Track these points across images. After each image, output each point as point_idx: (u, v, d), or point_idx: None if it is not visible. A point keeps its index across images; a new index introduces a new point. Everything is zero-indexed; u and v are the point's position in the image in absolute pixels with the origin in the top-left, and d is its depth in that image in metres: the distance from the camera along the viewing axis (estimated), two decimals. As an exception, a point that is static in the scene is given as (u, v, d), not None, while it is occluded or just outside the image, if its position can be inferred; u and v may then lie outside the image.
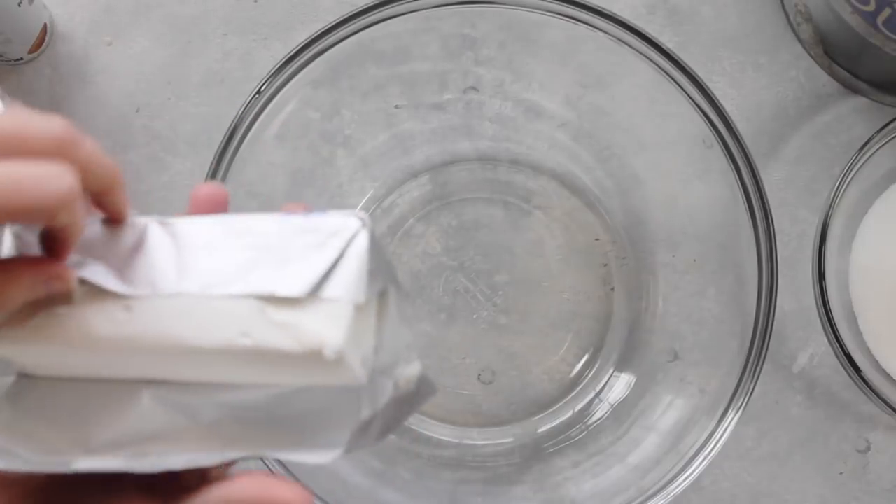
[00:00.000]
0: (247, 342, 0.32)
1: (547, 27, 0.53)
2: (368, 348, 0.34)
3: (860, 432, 0.59)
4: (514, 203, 0.60)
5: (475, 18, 0.55)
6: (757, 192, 0.51)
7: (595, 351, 0.59)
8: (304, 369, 0.32)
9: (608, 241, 0.59)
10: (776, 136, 0.60)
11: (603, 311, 0.59)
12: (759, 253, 0.51)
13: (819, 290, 0.53)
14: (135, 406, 0.34)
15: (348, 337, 0.32)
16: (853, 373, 0.53)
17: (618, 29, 0.52)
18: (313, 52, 0.52)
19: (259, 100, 0.52)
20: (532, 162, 0.60)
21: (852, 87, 0.60)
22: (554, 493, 0.56)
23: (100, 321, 0.32)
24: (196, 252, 0.33)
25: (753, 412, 0.58)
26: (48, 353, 0.33)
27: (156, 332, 0.32)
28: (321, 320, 0.32)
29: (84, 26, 0.61)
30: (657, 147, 0.57)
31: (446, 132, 0.59)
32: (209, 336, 0.32)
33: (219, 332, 0.32)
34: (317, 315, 0.32)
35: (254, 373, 0.33)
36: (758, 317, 0.51)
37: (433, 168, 0.60)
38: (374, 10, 0.52)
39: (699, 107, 0.52)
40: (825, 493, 0.58)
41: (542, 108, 0.58)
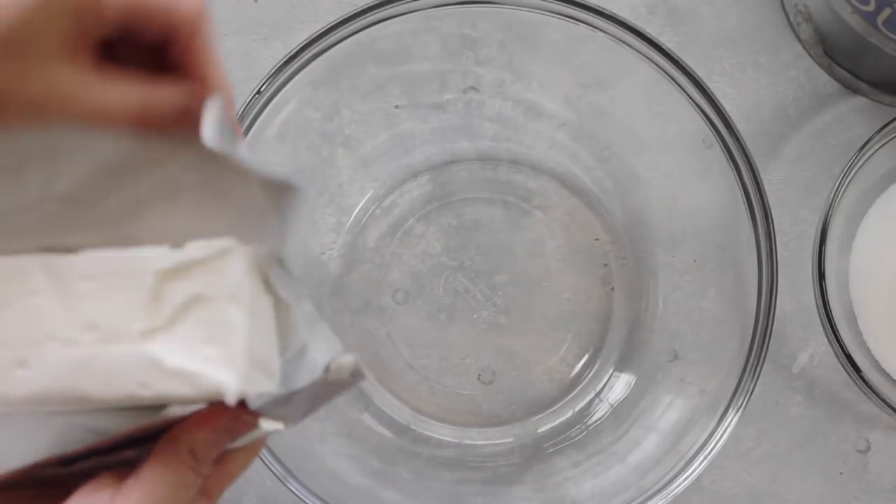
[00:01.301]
0: (146, 393, 0.32)
1: (547, 27, 0.53)
2: (271, 355, 0.34)
3: (860, 432, 0.59)
4: (514, 203, 0.60)
5: (475, 18, 0.55)
6: (757, 192, 0.51)
7: (595, 351, 0.59)
8: (207, 401, 0.33)
9: (608, 241, 0.59)
10: (776, 136, 0.60)
11: (603, 311, 0.59)
12: (759, 253, 0.51)
13: (819, 290, 0.53)
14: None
15: (245, 377, 0.32)
16: (853, 373, 0.53)
17: (618, 29, 0.52)
18: (313, 52, 0.52)
19: (259, 100, 0.52)
20: (532, 162, 0.60)
21: (852, 87, 0.60)
22: (554, 493, 0.56)
23: (1, 381, 0.32)
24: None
25: (753, 412, 0.58)
26: None
27: (58, 389, 0.32)
28: (214, 363, 0.32)
29: (84, 26, 0.61)
30: (657, 147, 0.57)
31: (446, 132, 0.59)
32: (110, 390, 0.32)
33: (118, 386, 0.32)
34: (209, 356, 0.32)
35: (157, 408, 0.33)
36: (758, 317, 0.51)
37: (433, 168, 0.60)
38: (374, 10, 0.52)
39: (699, 107, 0.52)
40: (825, 493, 0.58)
41: (542, 108, 0.58)
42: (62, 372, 0.32)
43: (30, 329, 0.33)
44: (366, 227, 0.60)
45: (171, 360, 0.32)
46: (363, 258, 0.60)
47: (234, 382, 0.31)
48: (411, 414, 0.58)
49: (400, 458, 0.57)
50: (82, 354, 0.32)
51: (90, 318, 0.32)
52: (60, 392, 0.32)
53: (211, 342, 0.32)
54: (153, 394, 0.32)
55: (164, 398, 0.32)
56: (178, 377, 0.32)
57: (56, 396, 0.32)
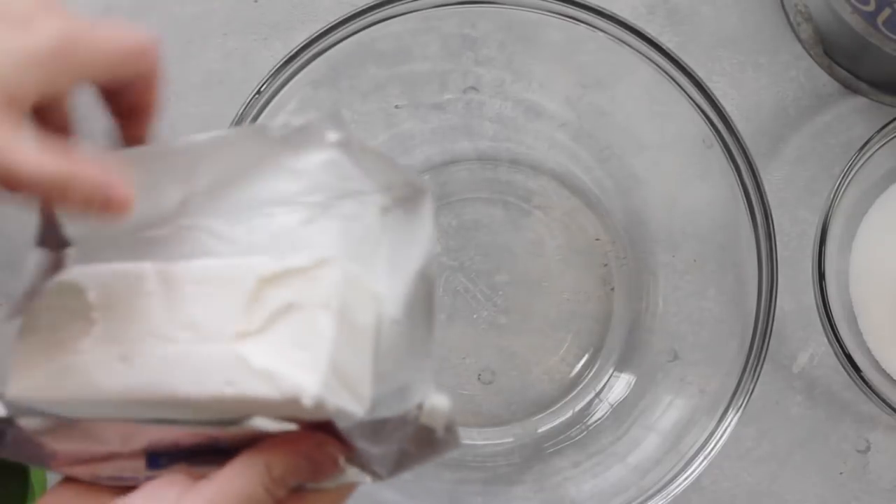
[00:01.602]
0: (230, 391, 0.33)
1: (547, 27, 0.53)
2: (362, 376, 0.34)
3: (860, 432, 0.59)
4: (514, 203, 0.60)
5: (475, 18, 0.55)
6: (757, 192, 0.51)
7: (595, 351, 0.59)
8: (291, 410, 0.33)
9: (608, 241, 0.59)
10: (776, 136, 0.60)
11: (603, 311, 0.59)
12: (759, 253, 0.51)
13: (819, 290, 0.53)
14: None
15: (326, 383, 0.32)
16: (853, 373, 0.53)
17: (618, 29, 0.52)
18: (313, 52, 0.52)
19: (259, 100, 0.52)
20: (532, 162, 0.60)
21: (852, 87, 0.60)
22: (554, 493, 0.56)
23: (102, 373, 0.34)
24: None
25: (753, 412, 0.58)
26: (60, 402, 0.35)
27: (151, 384, 0.34)
28: (299, 367, 0.33)
29: (84, 26, 0.61)
30: (657, 147, 0.57)
31: (446, 132, 0.59)
32: (198, 388, 0.33)
33: (207, 383, 0.33)
34: (295, 361, 0.33)
35: (243, 414, 0.34)
36: (758, 317, 0.51)
37: (433, 168, 0.60)
38: (374, 10, 0.52)
39: (699, 107, 0.52)
40: (825, 493, 0.58)
41: (542, 108, 0.58)
42: (157, 367, 0.34)
43: (137, 327, 0.34)
44: (366, 227, 0.60)
45: (258, 360, 0.33)
46: (363, 258, 0.60)
47: (313, 385, 0.32)
48: (411, 414, 0.58)
49: (400, 458, 0.57)
50: (177, 351, 0.34)
51: (190, 318, 0.34)
52: (152, 386, 0.34)
53: (299, 347, 0.33)
54: (237, 392, 0.33)
55: (247, 399, 0.33)
56: (263, 377, 0.33)
57: (147, 391, 0.34)
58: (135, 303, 0.35)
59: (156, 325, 0.34)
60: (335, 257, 0.34)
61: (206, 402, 0.33)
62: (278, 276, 0.34)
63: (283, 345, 0.33)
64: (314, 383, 0.32)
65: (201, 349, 0.34)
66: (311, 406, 0.32)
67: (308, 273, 0.34)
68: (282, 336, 0.33)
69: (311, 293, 0.33)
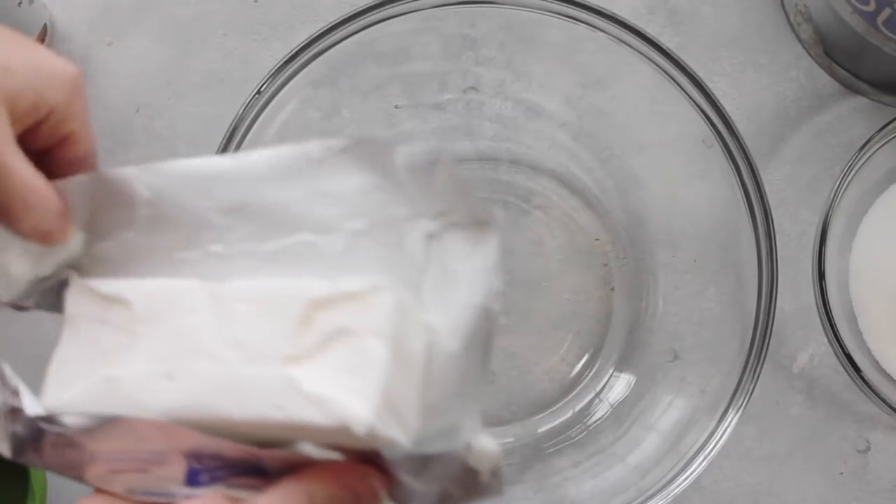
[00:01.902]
0: (279, 416, 0.32)
1: (547, 27, 0.53)
2: (411, 406, 0.34)
3: (860, 432, 0.59)
4: (514, 203, 0.60)
5: (475, 18, 0.55)
6: (757, 192, 0.51)
7: (595, 351, 0.59)
8: (339, 437, 0.33)
9: (608, 241, 0.59)
10: (776, 136, 0.60)
11: (603, 311, 0.59)
12: (759, 253, 0.51)
13: (819, 290, 0.53)
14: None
15: (378, 411, 0.32)
16: (853, 373, 0.53)
17: (618, 29, 0.52)
18: (313, 52, 0.52)
19: (259, 100, 0.52)
20: (532, 162, 0.60)
21: (852, 87, 0.60)
22: (554, 493, 0.56)
23: (146, 390, 0.34)
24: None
25: (753, 412, 0.58)
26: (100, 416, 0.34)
27: (197, 403, 0.33)
28: (350, 393, 0.32)
29: (84, 26, 0.61)
30: (657, 147, 0.57)
31: (446, 132, 0.59)
32: (245, 410, 0.33)
33: (254, 406, 0.33)
34: (346, 387, 0.32)
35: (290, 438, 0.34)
36: (758, 317, 0.51)
37: (433, 168, 0.60)
38: (374, 10, 0.52)
39: (699, 107, 0.52)
40: (825, 493, 0.58)
41: (542, 108, 0.58)
42: (204, 386, 0.33)
43: (183, 344, 0.34)
44: (366, 227, 0.60)
45: (309, 385, 0.32)
46: (363, 258, 0.60)
47: (366, 413, 0.32)
48: (411, 414, 0.58)
49: (400, 458, 0.57)
50: (224, 371, 0.33)
51: (239, 338, 0.33)
52: (198, 406, 0.33)
53: (350, 373, 0.32)
54: (286, 417, 0.32)
55: (295, 424, 0.32)
56: (313, 402, 0.32)
57: (193, 411, 0.33)
58: (181, 319, 0.34)
59: (203, 343, 0.34)
60: (389, 284, 0.33)
61: (253, 425, 0.33)
62: (330, 300, 0.33)
63: (333, 370, 0.32)
64: (366, 411, 0.31)
65: (249, 370, 0.33)
66: (363, 434, 0.31)
67: (361, 298, 0.33)
68: (332, 361, 0.33)
69: (364, 319, 0.33)
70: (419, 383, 0.34)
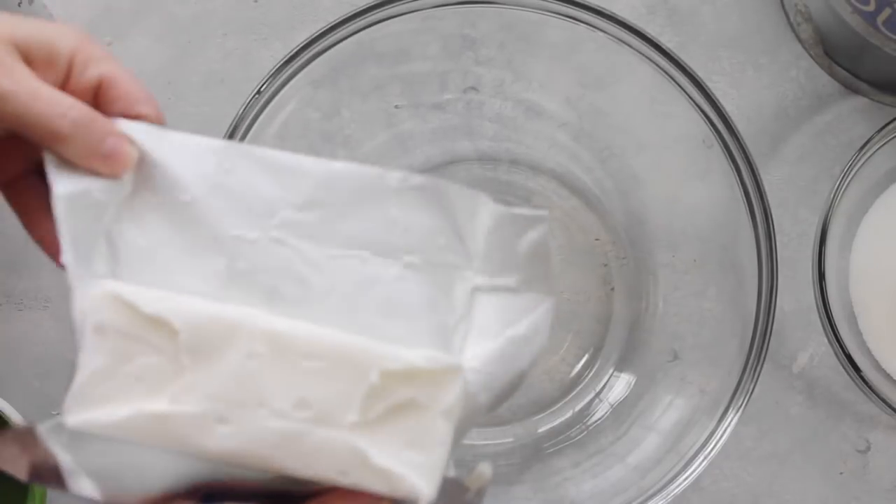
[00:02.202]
0: (344, 481, 0.34)
1: (547, 27, 0.53)
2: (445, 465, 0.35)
3: (860, 432, 0.59)
4: (514, 203, 0.60)
5: (475, 18, 0.55)
6: (757, 192, 0.51)
7: (595, 351, 0.59)
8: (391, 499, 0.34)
9: (608, 241, 0.59)
10: (776, 136, 0.60)
11: (603, 311, 0.59)
12: (759, 253, 0.51)
13: (819, 290, 0.53)
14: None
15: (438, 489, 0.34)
16: (853, 373, 0.53)
17: (618, 29, 0.52)
18: (313, 52, 0.52)
19: (259, 100, 0.52)
20: (532, 162, 0.60)
21: (852, 87, 0.60)
22: (554, 493, 0.56)
23: (197, 430, 0.34)
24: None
25: (753, 412, 0.58)
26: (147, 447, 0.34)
27: (256, 454, 0.34)
28: (415, 469, 0.34)
29: (84, 26, 0.61)
30: (657, 147, 0.57)
31: (446, 132, 0.59)
32: (309, 470, 0.34)
33: (319, 467, 0.34)
34: (411, 462, 0.34)
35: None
36: (758, 317, 0.51)
37: (433, 168, 0.60)
38: (374, 10, 0.52)
39: (699, 107, 0.52)
40: (825, 493, 0.58)
41: (542, 108, 0.58)
42: (266, 439, 0.34)
43: (240, 390, 0.34)
44: (366, 227, 0.60)
45: (376, 457, 0.34)
46: (363, 258, 0.60)
47: (429, 491, 0.34)
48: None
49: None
50: (291, 429, 0.34)
51: (306, 396, 0.34)
52: (256, 457, 0.34)
53: (415, 448, 0.34)
54: (350, 483, 0.34)
55: (355, 487, 0.34)
56: (379, 474, 0.34)
57: (250, 459, 0.34)
58: (237, 362, 0.34)
59: (263, 393, 0.34)
60: (461, 366, 0.35)
61: (311, 482, 0.34)
62: (403, 374, 0.34)
63: (399, 442, 0.34)
64: (430, 489, 0.34)
65: (317, 432, 0.34)
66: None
67: (433, 376, 0.34)
68: (399, 433, 0.34)
69: (434, 397, 0.34)
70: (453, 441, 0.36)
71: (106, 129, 0.35)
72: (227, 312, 0.35)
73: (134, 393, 0.34)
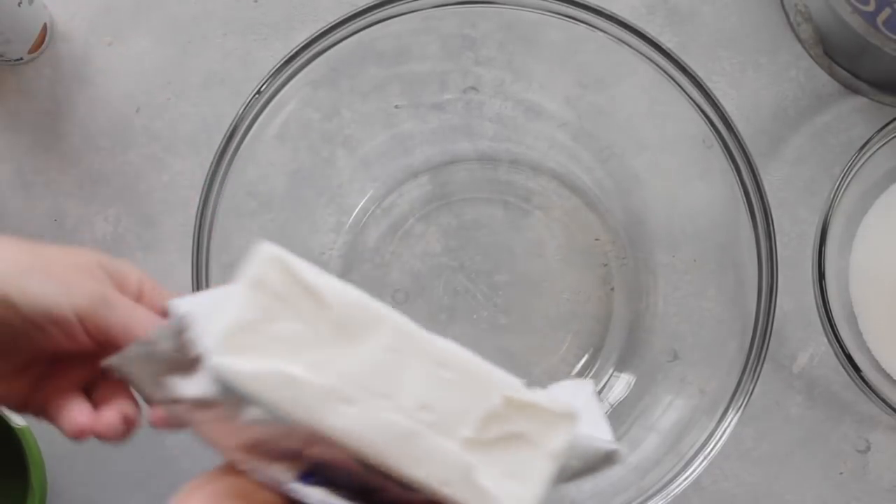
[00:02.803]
0: (443, 491, 0.35)
1: (547, 27, 0.53)
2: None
3: (860, 432, 0.59)
4: (514, 203, 0.60)
5: (475, 18, 0.55)
6: (757, 192, 0.51)
7: (595, 351, 0.59)
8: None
9: (608, 241, 0.59)
10: (776, 136, 0.60)
11: (603, 311, 0.59)
12: (759, 253, 0.51)
13: (819, 290, 0.53)
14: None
15: None
16: (853, 373, 0.53)
17: (618, 29, 0.52)
18: (313, 52, 0.52)
19: (259, 100, 0.52)
20: (532, 162, 0.60)
21: (852, 87, 0.60)
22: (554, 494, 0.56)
23: (320, 403, 0.36)
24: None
25: (753, 412, 0.58)
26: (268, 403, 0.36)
27: (369, 441, 0.36)
28: (512, 499, 0.36)
29: (84, 26, 0.61)
30: (657, 147, 0.57)
31: (446, 132, 0.59)
32: (413, 470, 0.35)
33: (425, 471, 0.35)
34: (510, 491, 0.36)
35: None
36: (758, 317, 0.51)
37: (433, 168, 0.60)
38: (374, 10, 0.52)
39: (699, 107, 0.52)
40: (825, 493, 0.58)
41: (542, 108, 0.58)
42: (383, 430, 0.35)
43: (372, 378, 0.36)
44: (366, 227, 0.60)
45: (480, 477, 0.35)
46: (363, 258, 0.60)
47: None
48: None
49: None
50: (409, 428, 0.35)
51: (431, 401, 0.36)
52: (369, 443, 0.35)
53: (516, 479, 0.36)
54: (449, 494, 0.35)
55: (451, 500, 0.35)
56: (478, 493, 0.35)
57: (362, 445, 0.35)
58: (375, 350, 0.36)
59: (393, 387, 0.36)
60: (576, 417, 0.37)
61: (409, 484, 0.36)
62: (525, 406, 0.36)
63: (503, 469, 0.36)
64: None
65: (431, 437, 0.36)
66: None
67: (549, 416, 0.36)
68: (505, 460, 0.36)
69: (546, 436, 0.36)
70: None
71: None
72: (377, 304, 0.37)
73: (273, 351, 0.36)
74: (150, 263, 0.59)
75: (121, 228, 0.60)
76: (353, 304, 0.36)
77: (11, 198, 0.60)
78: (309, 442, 0.36)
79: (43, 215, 0.60)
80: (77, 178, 0.60)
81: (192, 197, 0.60)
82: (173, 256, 0.60)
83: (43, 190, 0.60)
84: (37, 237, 0.60)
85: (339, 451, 0.36)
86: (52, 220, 0.60)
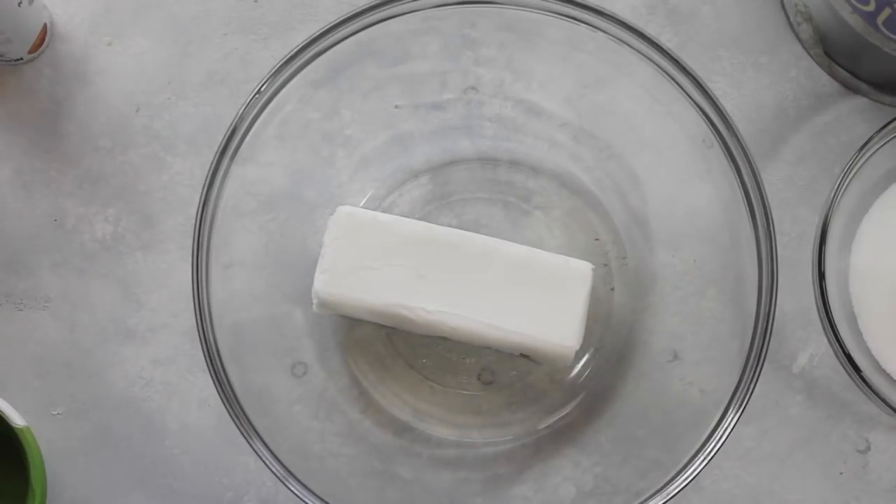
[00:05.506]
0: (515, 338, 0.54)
1: (547, 27, 0.53)
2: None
3: (860, 432, 0.59)
4: (514, 203, 0.60)
5: (475, 18, 0.55)
6: (757, 192, 0.51)
7: (595, 351, 0.59)
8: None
9: (608, 241, 0.59)
10: (776, 136, 0.60)
11: (603, 311, 0.59)
12: (759, 253, 0.51)
13: (819, 290, 0.53)
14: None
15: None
16: (853, 373, 0.53)
17: (618, 29, 0.52)
18: (313, 52, 0.52)
19: (259, 100, 0.52)
20: (532, 162, 0.60)
21: (852, 87, 0.60)
22: (554, 494, 0.56)
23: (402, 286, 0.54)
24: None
25: (753, 412, 0.58)
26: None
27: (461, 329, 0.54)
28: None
29: (84, 26, 0.61)
30: (657, 147, 0.57)
31: (446, 132, 0.59)
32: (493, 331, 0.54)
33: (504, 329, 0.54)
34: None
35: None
36: (758, 317, 0.51)
37: (433, 168, 0.60)
38: (374, 10, 0.52)
39: (699, 107, 0.52)
40: (825, 493, 0.58)
41: (542, 108, 0.58)
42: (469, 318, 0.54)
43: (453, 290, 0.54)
44: (366, 227, 0.60)
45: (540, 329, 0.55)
46: (363, 258, 0.60)
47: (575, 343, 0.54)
48: (411, 414, 0.58)
49: (400, 458, 0.57)
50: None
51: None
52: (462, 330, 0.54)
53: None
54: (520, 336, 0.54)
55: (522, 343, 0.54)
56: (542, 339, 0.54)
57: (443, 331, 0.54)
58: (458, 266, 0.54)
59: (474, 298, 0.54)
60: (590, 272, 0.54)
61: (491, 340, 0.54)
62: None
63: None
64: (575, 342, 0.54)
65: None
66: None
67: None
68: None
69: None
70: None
71: None
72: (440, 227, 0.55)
73: (360, 287, 0.53)
74: (150, 263, 0.59)
75: (121, 228, 0.60)
76: (431, 237, 0.53)
77: (11, 198, 0.60)
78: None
79: (43, 215, 0.60)
80: (77, 178, 0.60)
81: (192, 197, 0.60)
82: (173, 256, 0.60)
83: (43, 190, 0.60)
84: (37, 237, 0.60)
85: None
86: (52, 220, 0.60)
